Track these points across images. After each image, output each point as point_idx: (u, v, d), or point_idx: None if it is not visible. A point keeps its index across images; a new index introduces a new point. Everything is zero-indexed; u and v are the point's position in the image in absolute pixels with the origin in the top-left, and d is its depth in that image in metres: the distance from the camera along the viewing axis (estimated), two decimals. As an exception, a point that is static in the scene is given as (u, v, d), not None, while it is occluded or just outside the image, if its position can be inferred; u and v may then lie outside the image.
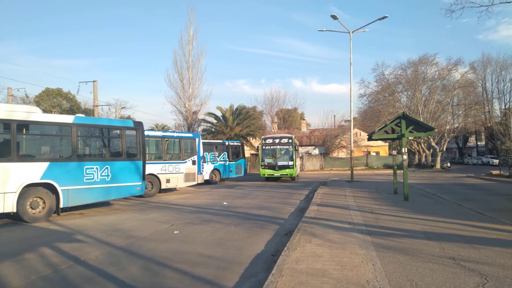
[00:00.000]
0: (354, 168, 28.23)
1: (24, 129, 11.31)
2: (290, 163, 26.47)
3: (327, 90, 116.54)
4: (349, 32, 27.22)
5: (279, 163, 26.49)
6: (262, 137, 28.57)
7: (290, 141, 26.72)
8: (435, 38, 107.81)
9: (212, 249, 7.63)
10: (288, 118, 73.24)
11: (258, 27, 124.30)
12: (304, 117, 77.29)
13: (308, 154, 55.17)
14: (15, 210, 10.61)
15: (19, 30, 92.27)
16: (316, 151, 57.90)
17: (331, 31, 30.59)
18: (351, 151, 28.49)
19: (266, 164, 26.73)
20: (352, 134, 29.12)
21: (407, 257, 6.23)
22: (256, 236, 8.82)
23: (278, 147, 26.76)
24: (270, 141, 27.19)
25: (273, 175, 26.83)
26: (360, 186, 20.99)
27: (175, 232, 9.41)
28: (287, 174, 26.70)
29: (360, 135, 55.11)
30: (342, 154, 55.78)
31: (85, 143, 13.29)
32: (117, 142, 13.94)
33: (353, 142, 30.40)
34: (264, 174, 26.90)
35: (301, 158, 49.63)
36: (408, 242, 7.33)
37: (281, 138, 27.18)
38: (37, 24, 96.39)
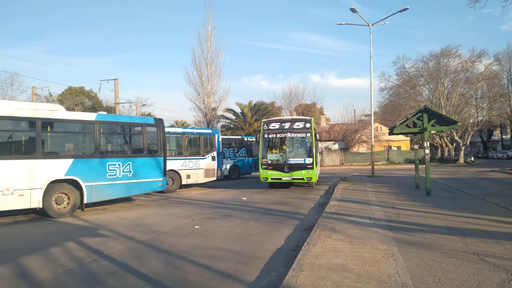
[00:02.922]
0: (375, 163, 27.70)
1: (48, 127, 11.59)
2: (308, 160, 17.04)
3: (346, 84, 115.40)
4: (368, 25, 26.83)
5: (291, 161, 17.27)
6: (264, 120, 18.76)
7: (307, 126, 17.43)
8: (457, 29, 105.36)
9: (232, 244, 7.69)
10: (307, 113, 72.61)
11: (275, 22, 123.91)
12: (324, 112, 76.74)
13: (328, 149, 54.78)
14: (41, 206, 10.91)
15: (43, 30, 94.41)
16: (336, 146, 57.46)
17: (350, 24, 30.24)
18: (372, 146, 28.11)
19: (269, 162, 17.52)
20: (372, 129, 28.73)
21: (430, 252, 6.14)
22: (276, 231, 8.84)
23: (289, 135, 17.61)
24: (277, 126, 17.87)
25: (280, 179, 17.38)
26: (381, 181, 20.75)
27: (195, 227, 9.52)
28: (303, 179, 17.22)
29: (381, 130, 54.36)
30: (363, 149, 55.19)
31: (107, 140, 13.53)
32: (138, 139, 14.16)
33: (374, 137, 29.96)
34: (267, 178, 17.52)
35: (321, 153, 49.30)
36: (430, 237, 7.22)
37: (293, 121, 17.92)
38: (59, 23, 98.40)
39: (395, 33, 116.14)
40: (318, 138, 19.11)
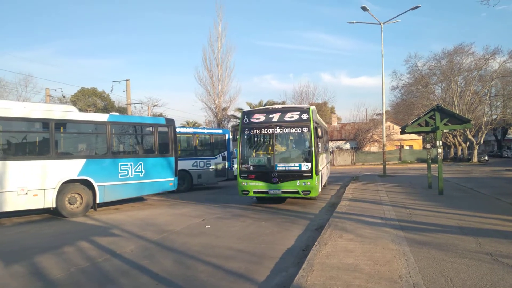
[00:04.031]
0: (386, 163, 27.42)
1: (61, 128, 11.75)
2: (306, 166, 12.18)
3: (357, 83, 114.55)
4: (380, 24, 26.64)
5: (280, 167, 12.34)
6: (244, 111, 13.96)
7: (304, 117, 12.43)
8: (470, 27, 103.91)
9: (243, 244, 7.71)
10: (319, 112, 72.41)
11: (285, 22, 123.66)
12: (335, 111, 76.17)
13: (339, 148, 54.53)
14: (54, 206, 11.06)
15: (56, 32, 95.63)
16: (347, 146, 57.15)
17: (361, 23, 30.13)
18: (384, 145, 27.93)
19: (250, 169, 12.64)
20: (384, 128, 28.52)
21: (442, 252, 6.08)
22: (287, 231, 8.83)
23: (278, 130, 12.58)
24: (261, 118, 12.81)
25: (266, 193, 12.45)
26: (393, 181, 20.58)
27: (206, 226, 9.56)
28: (297, 192, 12.19)
29: (393, 129, 53.90)
30: (374, 148, 54.79)
31: (119, 140, 13.67)
32: (150, 139, 14.27)
33: (386, 136, 29.74)
34: (247, 192, 12.61)
35: (332, 153, 49.05)
36: (442, 237, 7.15)
37: (284, 111, 12.77)
38: (72, 25, 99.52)
39: (407, 31, 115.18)
40: (320, 134, 13.16)
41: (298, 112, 12.51)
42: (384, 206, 11.23)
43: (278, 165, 12.32)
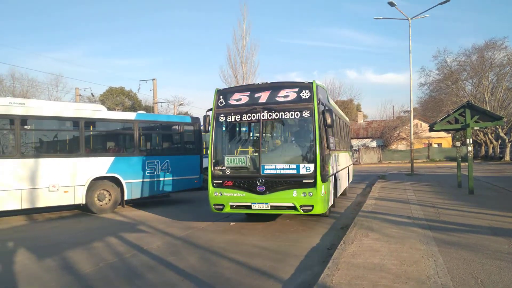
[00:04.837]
0: (414, 161, 26.78)
1: (91, 126, 12.06)
2: (306, 168, 8.30)
3: (384, 80, 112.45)
4: (407, 19, 26.06)
5: (269, 169, 8.48)
6: (219, 89, 9.43)
7: (304, 96, 8.55)
8: (502, 21, 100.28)
9: (267, 241, 7.72)
10: (344, 109, 71.66)
11: (309, 19, 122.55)
12: (361, 109, 75.37)
13: (365, 146, 53.80)
14: (84, 202, 11.38)
15: (84, 33, 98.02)
16: (374, 144, 56.31)
17: (388, 18, 29.31)
18: (411, 143, 27.33)
19: (226, 172, 8.82)
20: (412, 125, 27.90)
21: (472, 253, 5.91)
22: (311, 229, 8.79)
23: (266, 116, 8.72)
24: (243, 98, 9.02)
25: (249, 207, 8.63)
26: (420, 180, 20.15)
27: (231, 224, 9.63)
28: (294, 207, 8.32)
29: (421, 126, 52.79)
30: (402, 146, 53.78)
31: (146, 138, 13.93)
32: (176, 137, 14.48)
33: (413, 134, 29.11)
34: (222, 206, 8.84)
35: (357, 151, 48.43)
36: (472, 237, 6.95)
37: (275, 89, 8.84)
38: (100, 26, 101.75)
39: (436, 26, 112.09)
40: (330, 122, 8.57)
41: (296, 89, 8.59)
42: (411, 205, 11.02)
43: (265, 166, 8.41)
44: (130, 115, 13.05)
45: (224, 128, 9.37)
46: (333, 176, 10.11)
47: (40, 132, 11.29)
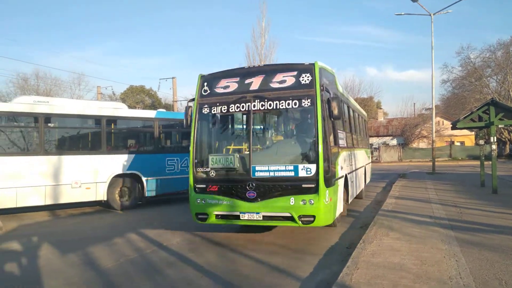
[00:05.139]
0: (436, 159, 26.26)
1: (112, 124, 12.26)
2: (306, 169, 6.84)
3: (405, 77, 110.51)
4: (430, 15, 25.54)
5: (261, 171, 7.02)
6: (204, 75, 7.90)
7: (304, 80, 7.07)
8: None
9: (285, 239, 7.72)
10: (364, 107, 70.84)
11: (328, 16, 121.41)
12: (381, 106, 74.19)
13: (386, 145, 53.08)
14: (105, 198, 11.60)
15: (106, 32, 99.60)
16: (394, 142, 55.49)
17: (410, 14, 28.78)
18: (433, 141, 26.83)
19: (211, 175, 7.40)
20: (433, 123, 27.36)
21: (496, 254, 5.77)
22: (330, 228, 8.72)
23: (259, 106, 7.21)
24: (232, 85, 7.52)
25: (237, 217, 7.16)
26: (442, 178, 19.78)
27: (250, 221, 9.63)
28: (291, 217, 6.86)
29: (443, 124, 51.69)
30: (423, 144, 52.86)
31: (166, 136, 14.08)
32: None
33: (435, 132, 28.55)
34: (206, 215, 7.41)
35: (377, 149, 47.85)
36: (496, 238, 6.79)
37: (271, 72, 7.39)
38: (121, 25, 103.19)
39: (459, 22, 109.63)
40: (337, 112, 7.06)
41: (294, 73, 7.15)
42: (433, 204, 10.83)
43: (257, 168, 7.01)
44: (150, 113, 13.21)
45: (208, 122, 8.11)
46: (343, 178, 8.61)
47: (63, 130, 11.56)
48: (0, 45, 65.74)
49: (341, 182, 8.29)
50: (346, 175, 8.90)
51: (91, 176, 11.29)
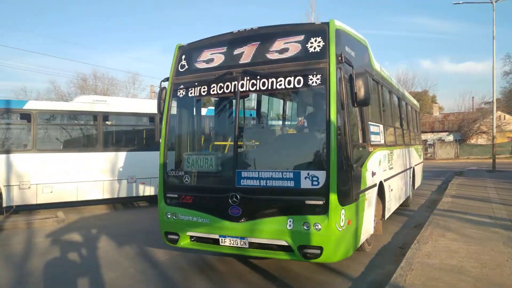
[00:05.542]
0: (496, 156, 24.74)
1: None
2: (312, 178, 4.59)
3: (462, 70, 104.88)
4: (491, 2, 24.00)
5: (249, 179, 4.94)
6: (181, 44, 5.94)
7: (315, 47, 4.79)
8: None
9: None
10: (418, 101, 68.28)
11: (378, 7, 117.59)
12: (436, 100, 70.93)
13: (441, 141, 50.81)
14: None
15: (158, 33, 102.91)
16: (451, 138, 52.98)
17: (469, 2, 27.19)
18: (493, 137, 25.30)
19: (185, 181, 5.51)
20: (494, 118, 25.77)
21: None
22: (382, 227, 8.50)
23: (250, 86, 5.07)
24: (217, 58, 5.47)
25: (216, 241, 5.16)
26: (503, 177, 18.61)
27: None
28: (288, 247, 4.74)
29: (504, 119, 48.78)
30: (482, 140, 50.07)
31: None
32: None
33: (496, 127, 26.87)
34: (177, 236, 5.47)
35: (432, 145, 45.93)
36: None
37: (268, 38, 5.16)
38: (174, 25, 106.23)
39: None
40: (363, 96, 4.76)
41: (301, 37, 5.00)
42: (493, 204, 10.23)
43: (243, 174, 5.03)
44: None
45: (185, 108, 6.14)
46: (376, 188, 6.29)
47: (119, 128, 12.10)
48: (63, 48, 70.03)
49: (371, 194, 6.00)
50: (381, 182, 6.69)
51: (145, 172, 11.71)
